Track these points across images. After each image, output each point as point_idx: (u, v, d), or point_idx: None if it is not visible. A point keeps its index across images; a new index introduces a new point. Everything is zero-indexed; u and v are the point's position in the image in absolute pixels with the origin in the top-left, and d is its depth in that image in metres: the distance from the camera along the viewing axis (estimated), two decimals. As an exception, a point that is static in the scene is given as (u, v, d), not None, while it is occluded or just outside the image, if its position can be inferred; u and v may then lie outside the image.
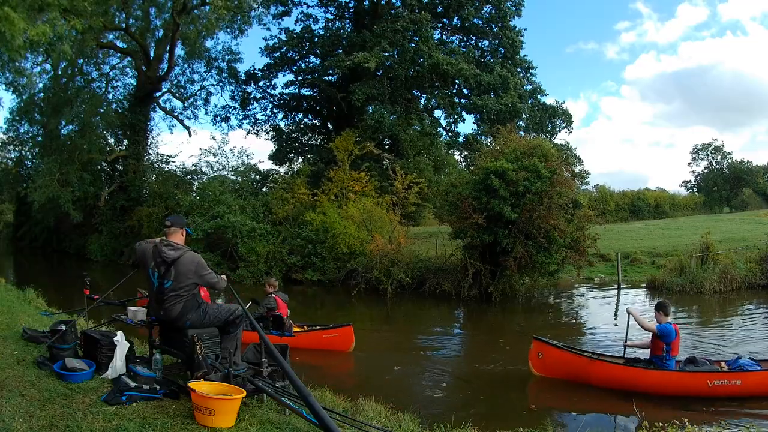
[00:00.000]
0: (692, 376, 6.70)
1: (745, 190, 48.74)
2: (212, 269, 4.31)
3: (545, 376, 7.66)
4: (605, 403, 6.67)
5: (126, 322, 4.69)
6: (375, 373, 8.82)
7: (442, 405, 7.02)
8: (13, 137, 29.72)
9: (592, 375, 7.21)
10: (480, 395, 7.34)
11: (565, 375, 7.48)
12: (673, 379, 6.77)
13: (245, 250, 18.85)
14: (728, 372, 6.70)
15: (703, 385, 6.60)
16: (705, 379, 6.62)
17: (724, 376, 6.62)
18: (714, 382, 6.59)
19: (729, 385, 6.55)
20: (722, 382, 6.57)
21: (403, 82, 22.49)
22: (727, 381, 6.57)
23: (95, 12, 18.19)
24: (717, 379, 6.60)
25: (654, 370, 6.87)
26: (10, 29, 9.77)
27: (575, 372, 7.37)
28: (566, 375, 7.46)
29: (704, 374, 6.67)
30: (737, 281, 14.84)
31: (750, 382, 6.56)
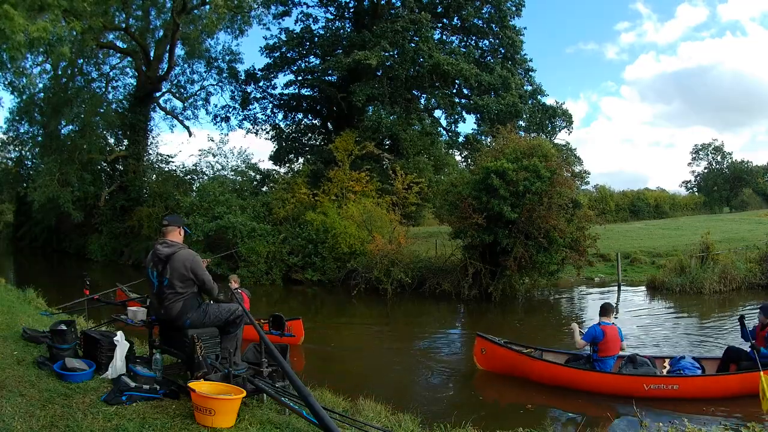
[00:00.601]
0: (629, 379, 6.81)
1: (745, 190, 48.72)
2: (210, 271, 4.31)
3: (489, 370, 8.04)
4: (604, 403, 6.67)
5: (126, 322, 4.69)
6: (375, 373, 8.83)
7: (442, 405, 7.02)
8: (13, 137, 29.76)
9: (532, 372, 7.50)
10: (480, 395, 7.34)
11: (507, 371, 7.79)
12: (609, 381, 6.89)
13: (245, 250, 18.84)
14: (666, 377, 6.84)
15: (639, 388, 6.69)
16: (641, 383, 6.72)
17: (661, 381, 6.75)
18: (650, 386, 6.68)
19: (666, 389, 6.65)
20: (659, 386, 6.68)
21: (403, 82, 22.48)
22: (664, 385, 6.68)
23: (95, 12, 18.20)
24: (654, 383, 6.71)
25: (591, 371, 7.02)
26: (11, 26, 9.79)
27: (516, 368, 7.69)
28: (508, 371, 7.78)
29: (641, 378, 6.78)
30: (737, 281, 14.83)
31: (688, 387, 6.64)
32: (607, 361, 6.98)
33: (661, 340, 10.07)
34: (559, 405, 6.87)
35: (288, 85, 26.55)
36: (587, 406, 6.64)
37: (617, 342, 6.99)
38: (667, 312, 13.16)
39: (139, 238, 23.92)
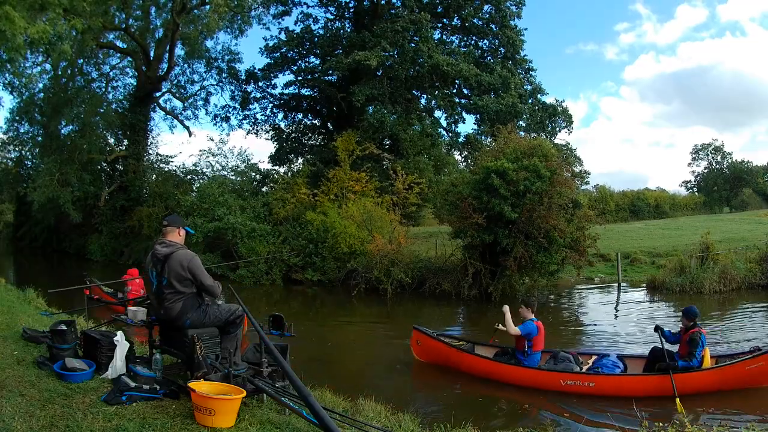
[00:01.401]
0: (546, 375, 7.17)
1: (745, 190, 48.72)
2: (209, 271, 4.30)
3: (424, 361, 8.52)
4: (604, 403, 6.67)
5: (126, 322, 4.69)
6: (375, 373, 8.83)
7: (442, 405, 7.02)
8: (13, 137, 29.70)
9: (461, 364, 7.96)
10: (480, 395, 7.34)
11: (439, 361, 8.26)
12: (530, 376, 7.30)
13: (245, 250, 18.83)
14: (582, 374, 7.10)
15: (556, 383, 7.04)
16: (558, 379, 7.06)
17: (577, 377, 7.03)
18: (567, 381, 7.02)
19: (582, 386, 6.96)
20: (575, 383, 6.98)
21: (403, 82, 22.48)
22: (580, 382, 6.98)
23: (95, 12, 18.20)
24: (570, 379, 7.02)
25: (514, 365, 7.43)
26: (11, 28, 9.79)
27: (447, 360, 8.16)
28: (441, 361, 8.24)
29: (558, 374, 7.11)
30: (737, 281, 14.84)
31: (603, 385, 6.92)
32: (536, 356, 7.39)
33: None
34: (556, 405, 6.87)
35: (288, 85, 26.59)
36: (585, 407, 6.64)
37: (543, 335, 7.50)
38: (667, 312, 13.16)
39: (139, 238, 23.91)
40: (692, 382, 6.74)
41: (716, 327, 10.99)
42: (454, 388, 7.67)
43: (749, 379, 6.90)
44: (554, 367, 7.32)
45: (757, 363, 6.87)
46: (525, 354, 7.39)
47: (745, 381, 6.89)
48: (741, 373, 6.89)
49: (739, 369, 6.91)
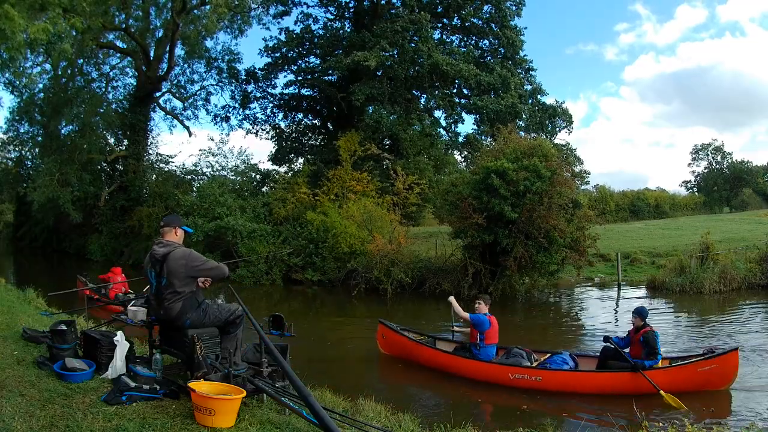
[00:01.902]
0: (497, 368, 7.46)
1: (745, 190, 48.73)
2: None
3: (389, 354, 8.87)
4: (602, 403, 6.67)
5: (126, 322, 4.69)
6: (375, 373, 8.83)
7: (442, 405, 7.02)
8: (13, 137, 29.71)
9: (421, 357, 8.33)
10: (480, 395, 7.33)
11: (402, 355, 8.64)
12: (482, 369, 7.59)
13: (245, 250, 18.84)
14: (529, 368, 7.36)
15: (505, 376, 7.33)
16: (507, 372, 7.34)
17: (525, 372, 7.30)
18: (515, 375, 7.30)
19: (529, 380, 7.23)
20: (523, 377, 7.27)
21: (403, 82, 22.47)
22: (527, 376, 7.26)
23: (95, 12, 18.19)
24: (518, 373, 7.30)
25: (468, 359, 7.72)
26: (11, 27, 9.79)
27: (409, 353, 8.50)
28: (403, 355, 8.62)
29: (507, 367, 7.38)
30: (737, 281, 14.83)
31: (549, 380, 7.16)
32: (490, 349, 7.67)
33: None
34: (553, 406, 6.87)
35: (288, 85, 26.59)
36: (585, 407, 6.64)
37: (497, 330, 7.81)
38: (667, 312, 13.16)
39: (139, 238, 23.91)
40: (642, 382, 6.82)
41: (715, 326, 10.99)
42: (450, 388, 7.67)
43: (701, 381, 6.91)
44: (504, 361, 7.58)
45: (710, 365, 6.89)
46: (478, 347, 7.68)
47: (697, 383, 6.90)
48: (692, 375, 6.94)
49: (691, 370, 6.98)
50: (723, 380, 6.95)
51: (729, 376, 6.94)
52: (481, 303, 7.91)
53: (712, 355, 6.98)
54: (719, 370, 6.89)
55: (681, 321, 12.16)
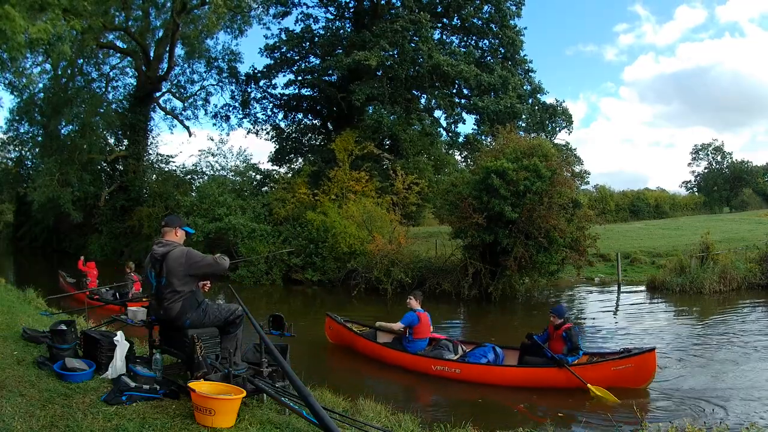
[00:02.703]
0: (422, 360, 7.93)
1: (745, 190, 48.74)
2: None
3: (337, 344, 9.54)
4: (602, 403, 6.67)
5: (126, 322, 4.69)
6: (375, 373, 8.82)
7: (442, 405, 7.02)
8: (13, 137, 29.74)
9: (360, 347, 8.90)
10: (479, 395, 7.33)
11: (345, 344, 9.25)
12: (408, 359, 8.09)
13: (245, 250, 18.84)
14: (450, 361, 7.79)
15: (429, 367, 7.80)
16: (430, 364, 7.80)
17: (446, 364, 7.74)
18: (437, 367, 7.74)
19: (449, 371, 7.66)
20: (444, 368, 7.70)
21: (403, 82, 22.47)
22: (447, 368, 7.69)
23: (95, 12, 18.20)
24: (440, 365, 7.74)
25: (398, 350, 8.25)
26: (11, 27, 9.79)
27: (351, 343, 9.12)
28: (346, 344, 9.24)
29: (431, 360, 7.85)
30: (737, 281, 14.83)
31: (468, 372, 7.55)
32: (419, 343, 8.15)
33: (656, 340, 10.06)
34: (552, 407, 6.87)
35: (288, 85, 26.58)
36: (584, 406, 6.64)
37: (428, 326, 8.29)
38: (666, 312, 13.16)
39: (139, 238, 23.91)
40: (558, 377, 7.09)
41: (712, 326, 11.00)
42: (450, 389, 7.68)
43: (615, 380, 7.01)
44: (429, 353, 8.02)
45: (624, 364, 7.03)
46: (408, 340, 8.20)
47: (611, 381, 7.00)
48: (606, 373, 7.08)
49: (605, 368, 7.14)
50: (639, 379, 7.09)
51: (646, 376, 7.09)
52: (412, 299, 8.42)
53: (628, 355, 7.15)
54: (635, 369, 7.04)
55: (681, 321, 12.15)
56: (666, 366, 8.21)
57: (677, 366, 8.23)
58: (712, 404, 6.41)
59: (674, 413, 6.08)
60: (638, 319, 12.07)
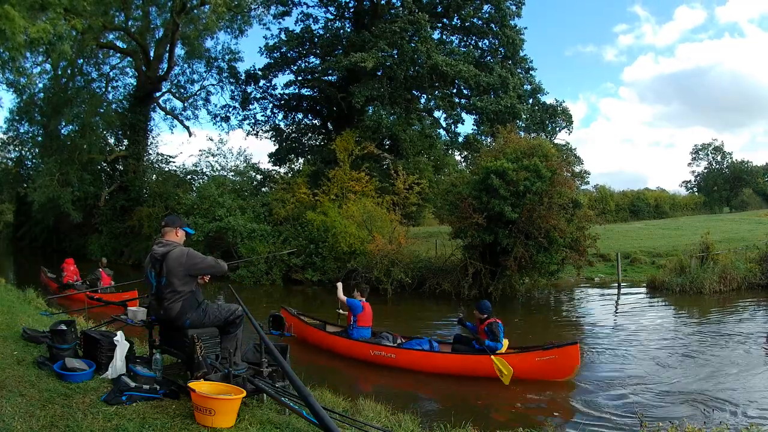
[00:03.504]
0: (360, 345, 8.47)
1: (745, 190, 48.72)
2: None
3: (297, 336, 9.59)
4: (601, 400, 6.67)
5: (126, 322, 4.69)
6: (375, 373, 8.82)
7: (442, 405, 7.02)
8: (13, 137, 29.71)
9: (310, 336, 9.37)
10: (479, 395, 7.33)
11: (300, 336, 9.45)
12: (349, 345, 8.61)
13: (245, 250, 18.84)
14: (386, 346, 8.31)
15: (367, 353, 8.31)
16: (368, 349, 8.33)
17: (382, 349, 8.27)
18: (375, 352, 8.26)
19: (385, 356, 8.17)
20: (380, 354, 8.21)
21: (403, 82, 22.46)
22: (384, 353, 8.21)
23: (95, 12, 18.21)
24: (377, 350, 8.27)
25: (342, 338, 8.78)
26: (11, 27, 9.79)
27: (303, 334, 9.46)
28: (301, 336, 9.46)
29: (368, 345, 8.39)
30: (737, 281, 14.84)
31: (402, 358, 8.12)
32: (362, 330, 8.68)
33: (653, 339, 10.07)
34: (549, 406, 6.87)
35: (288, 85, 26.55)
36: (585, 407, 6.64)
37: (371, 317, 8.85)
38: (666, 311, 13.16)
39: (139, 238, 23.90)
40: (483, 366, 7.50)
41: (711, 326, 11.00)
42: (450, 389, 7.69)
43: (540, 371, 7.36)
44: (368, 339, 8.63)
45: (548, 356, 7.38)
46: (351, 327, 8.75)
47: (536, 372, 7.37)
48: (531, 364, 7.44)
49: (529, 359, 7.51)
50: (563, 371, 7.41)
51: (569, 368, 7.42)
52: (358, 293, 9.01)
53: (552, 346, 7.52)
54: (559, 361, 7.36)
55: (681, 321, 12.15)
56: (666, 366, 8.22)
57: (677, 366, 8.23)
58: (712, 404, 6.42)
59: (674, 413, 6.08)
60: (638, 319, 12.06)
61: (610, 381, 7.62)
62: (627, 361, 8.67)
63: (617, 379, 7.69)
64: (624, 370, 8.16)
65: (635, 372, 8.03)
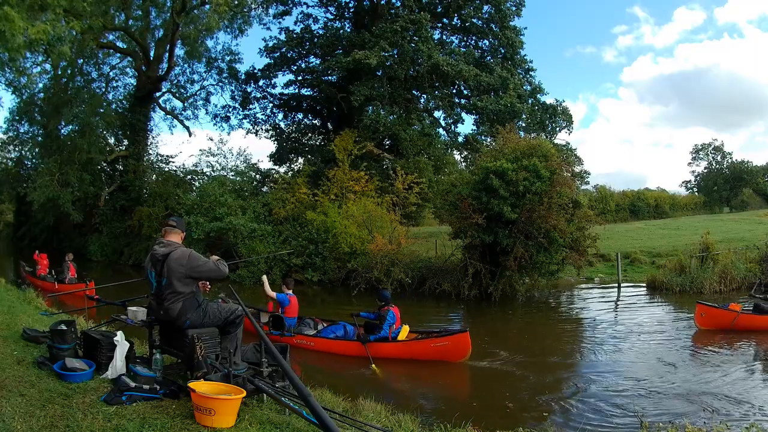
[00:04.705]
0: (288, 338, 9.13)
1: (745, 190, 48.66)
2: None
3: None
4: (601, 400, 6.68)
5: (126, 322, 4.69)
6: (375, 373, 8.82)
7: (442, 405, 7.02)
8: (13, 137, 29.72)
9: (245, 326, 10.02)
10: (479, 395, 7.34)
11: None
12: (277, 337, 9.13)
13: (245, 250, 18.84)
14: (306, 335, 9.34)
15: (292, 340, 9.03)
16: (293, 339, 9.11)
17: (304, 338, 9.26)
18: (299, 341, 9.18)
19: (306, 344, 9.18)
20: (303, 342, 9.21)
21: (403, 82, 22.46)
22: (305, 341, 9.22)
23: (95, 12, 18.19)
24: (300, 339, 9.22)
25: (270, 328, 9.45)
26: (10, 28, 9.78)
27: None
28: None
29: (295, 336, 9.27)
30: (737, 281, 14.84)
31: (319, 344, 9.17)
32: (289, 320, 9.47)
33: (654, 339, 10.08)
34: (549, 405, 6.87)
35: (288, 85, 26.53)
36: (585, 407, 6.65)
37: (296, 307, 9.65)
38: (666, 311, 13.16)
39: (139, 238, 23.90)
40: (386, 350, 8.63)
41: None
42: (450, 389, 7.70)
43: (436, 354, 8.53)
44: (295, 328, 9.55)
45: (443, 342, 8.52)
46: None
47: (432, 355, 8.54)
48: (428, 349, 8.62)
49: (426, 345, 8.68)
50: (456, 355, 8.51)
51: (461, 353, 8.50)
52: (285, 286, 9.80)
53: (445, 333, 8.71)
54: (451, 346, 8.49)
55: (681, 321, 12.15)
56: (666, 366, 8.22)
57: (677, 366, 8.23)
58: (712, 404, 6.42)
59: (674, 413, 6.08)
60: (638, 319, 12.06)
61: (609, 381, 7.62)
62: (627, 361, 8.68)
63: (617, 379, 7.69)
64: (624, 370, 8.16)
65: (635, 372, 8.03)
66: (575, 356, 9.51)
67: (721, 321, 10.20)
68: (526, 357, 9.00)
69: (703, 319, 10.37)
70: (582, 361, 9.11)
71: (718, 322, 10.22)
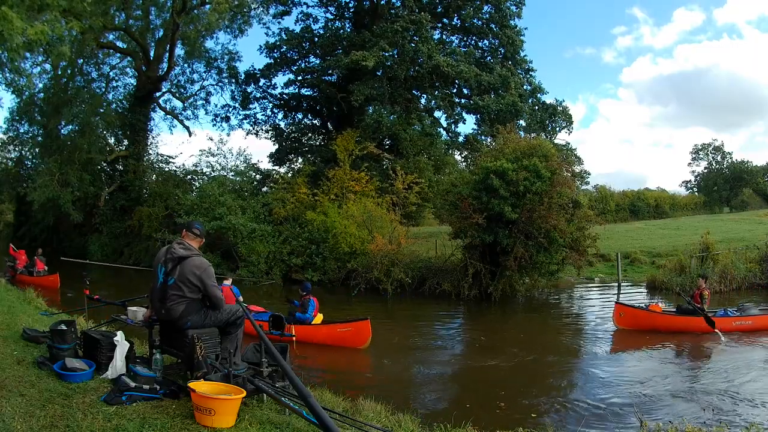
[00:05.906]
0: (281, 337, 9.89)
1: (745, 190, 48.62)
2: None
3: None
4: (601, 401, 6.67)
5: (126, 322, 4.69)
6: (375, 373, 8.83)
7: (442, 405, 7.02)
8: (13, 137, 29.75)
9: None
10: (479, 395, 7.33)
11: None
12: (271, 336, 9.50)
13: (245, 250, 18.83)
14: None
15: (249, 328, 9.19)
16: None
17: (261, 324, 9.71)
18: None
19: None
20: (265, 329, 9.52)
21: (403, 82, 22.44)
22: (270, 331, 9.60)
23: (95, 12, 18.19)
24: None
25: None
26: (8, 29, 9.76)
27: None
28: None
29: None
30: (737, 281, 14.85)
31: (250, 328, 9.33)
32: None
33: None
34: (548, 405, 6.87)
35: (288, 85, 26.53)
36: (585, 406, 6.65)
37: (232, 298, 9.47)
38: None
39: (139, 238, 23.90)
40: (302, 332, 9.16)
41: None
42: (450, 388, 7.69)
43: (341, 339, 9.29)
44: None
45: (346, 328, 9.32)
46: None
47: (338, 340, 9.31)
48: (334, 333, 9.37)
49: (332, 329, 9.44)
50: (358, 341, 9.28)
51: (363, 339, 9.27)
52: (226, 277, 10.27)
53: (349, 321, 9.60)
54: (354, 332, 9.24)
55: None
56: (666, 366, 8.23)
57: (677, 366, 8.24)
58: (712, 404, 6.42)
59: (674, 413, 6.08)
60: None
61: (609, 381, 7.63)
62: (627, 361, 8.68)
63: (617, 379, 7.69)
64: (624, 370, 8.17)
65: (635, 372, 8.04)
66: (575, 356, 9.51)
67: (640, 321, 10.41)
68: (526, 357, 9.01)
69: (622, 319, 10.55)
70: (582, 361, 9.12)
71: (637, 323, 10.45)
